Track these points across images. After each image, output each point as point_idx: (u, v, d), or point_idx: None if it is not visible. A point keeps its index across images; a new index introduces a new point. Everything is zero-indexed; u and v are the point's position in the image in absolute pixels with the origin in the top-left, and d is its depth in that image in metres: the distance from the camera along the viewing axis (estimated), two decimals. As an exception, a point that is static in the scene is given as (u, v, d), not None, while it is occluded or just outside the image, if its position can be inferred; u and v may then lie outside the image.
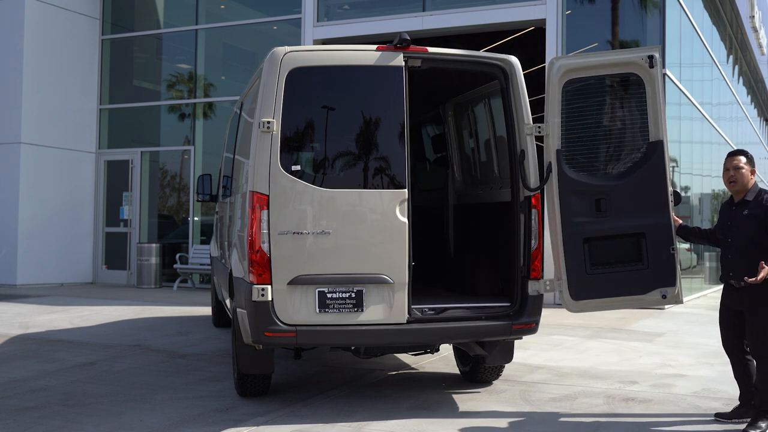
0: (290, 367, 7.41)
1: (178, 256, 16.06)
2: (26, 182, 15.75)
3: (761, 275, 5.05)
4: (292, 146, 5.67)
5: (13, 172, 15.67)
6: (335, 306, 5.55)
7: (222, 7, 17.20)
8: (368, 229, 5.65)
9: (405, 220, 5.67)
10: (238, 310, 5.84)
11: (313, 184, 5.63)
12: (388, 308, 5.62)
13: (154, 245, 15.98)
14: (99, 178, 17.19)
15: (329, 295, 5.55)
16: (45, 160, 16.06)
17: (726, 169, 5.53)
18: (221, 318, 9.81)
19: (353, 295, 5.57)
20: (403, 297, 5.65)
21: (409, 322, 5.68)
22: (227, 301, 7.36)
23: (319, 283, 5.54)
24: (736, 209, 5.47)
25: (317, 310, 5.54)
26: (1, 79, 15.89)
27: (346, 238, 5.61)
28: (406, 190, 5.67)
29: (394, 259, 5.64)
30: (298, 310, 5.52)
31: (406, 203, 5.68)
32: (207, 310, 11.34)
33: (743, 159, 5.50)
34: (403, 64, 5.76)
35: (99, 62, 17.24)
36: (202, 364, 7.66)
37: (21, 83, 15.66)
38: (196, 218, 16.52)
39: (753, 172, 5.51)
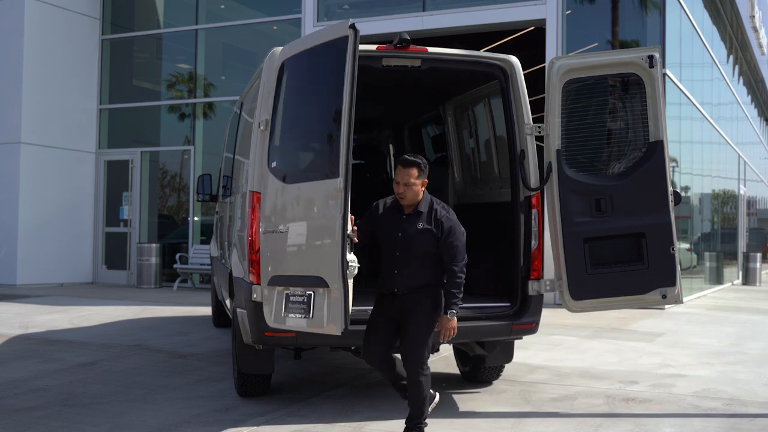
0: (290, 367, 7.41)
1: (178, 256, 16.06)
2: (26, 182, 15.75)
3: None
4: (275, 143, 5.57)
5: (13, 172, 15.67)
6: (293, 310, 5.11)
7: (222, 7, 17.20)
8: (310, 226, 5.11)
9: (338, 213, 4.79)
10: (238, 310, 5.84)
11: (282, 180, 5.35)
12: (328, 315, 4.89)
13: (154, 245, 15.97)
14: (99, 178, 17.19)
15: (291, 298, 5.13)
16: (45, 160, 16.06)
17: (396, 182, 4.95)
18: (221, 318, 9.81)
19: (305, 299, 5.05)
20: (338, 304, 4.79)
21: (344, 334, 4.87)
22: (227, 301, 7.36)
23: (284, 284, 5.18)
24: (408, 220, 4.97)
25: (282, 313, 5.17)
26: (1, 79, 15.89)
27: (296, 235, 5.17)
28: (340, 179, 4.79)
29: (330, 259, 4.86)
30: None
31: (341, 194, 4.79)
32: (207, 310, 11.34)
33: (415, 173, 4.92)
34: (349, 34, 4.83)
35: (99, 62, 17.24)
36: (202, 364, 7.66)
37: (21, 83, 15.66)
38: (196, 218, 16.52)
39: (424, 184, 5.00)
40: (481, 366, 6.68)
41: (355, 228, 4.95)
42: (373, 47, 5.83)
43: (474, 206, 7.42)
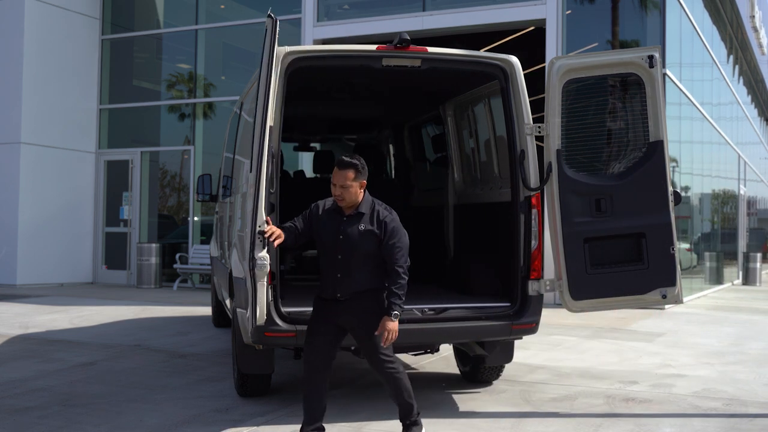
0: (290, 367, 7.40)
1: (178, 256, 16.06)
2: (26, 182, 15.75)
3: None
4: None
5: (13, 172, 15.67)
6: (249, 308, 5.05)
7: (222, 7, 17.20)
8: (243, 222, 5.10)
9: (248, 209, 4.91)
10: (238, 310, 5.84)
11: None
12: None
13: (154, 245, 15.98)
14: (99, 178, 17.19)
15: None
16: (45, 160, 16.06)
17: (333, 184, 4.81)
18: (221, 318, 9.81)
19: (252, 296, 4.96)
20: (249, 302, 4.83)
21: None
22: (227, 301, 7.36)
23: None
24: (349, 222, 4.82)
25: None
26: (1, 79, 15.89)
27: (244, 232, 5.19)
28: (252, 173, 4.86)
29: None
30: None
31: (252, 189, 4.86)
32: (207, 310, 11.34)
33: (351, 175, 4.76)
34: (267, 24, 4.85)
35: (99, 62, 17.24)
36: (202, 364, 7.66)
37: (21, 83, 15.66)
38: (196, 218, 16.52)
39: (363, 185, 4.84)
40: (481, 366, 6.68)
41: (269, 224, 4.79)
42: (373, 47, 5.83)
43: (474, 206, 7.42)
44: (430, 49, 5.92)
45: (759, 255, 21.64)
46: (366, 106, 8.86)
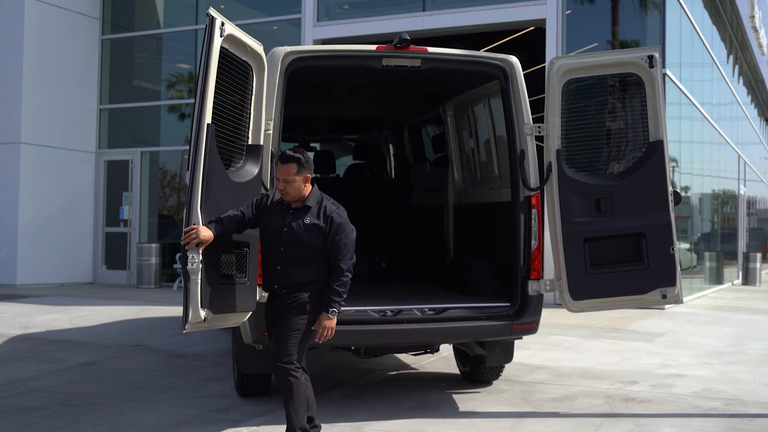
0: (290, 367, 7.39)
1: (178, 256, 16.05)
2: (26, 182, 15.75)
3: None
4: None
5: (13, 172, 15.67)
6: None
7: (222, 7, 17.19)
8: None
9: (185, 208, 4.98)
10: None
11: None
12: None
13: (154, 245, 15.98)
14: (99, 178, 17.19)
15: None
16: (45, 160, 16.06)
17: (276, 178, 4.80)
18: (221, 318, 9.78)
19: None
20: None
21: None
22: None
23: None
24: (295, 215, 4.74)
25: None
26: (1, 79, 15.89)
27: None
28: (188, 171, 4.89)
29: None
30: None
31: (188, 188, 4.90)
32: (207, 310, 11.33)
33: (294, 169, 4.68)
34: (208, 25, 4.91)
35: (99, 62, 17.24)
36: (201, 364, 7.66)
37: (21, 83, 15.66)
38: (196, 218, 16.49)
39: (308, 179, 4.77)
40: (481, 366, 6.68)
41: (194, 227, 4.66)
42: (373, 47, 5.84)
43: (474, 206, 7.42)
44: (430, 49, 5.92)
45: (759, 255, 21.64)
46: (366, 106, 8.87)
